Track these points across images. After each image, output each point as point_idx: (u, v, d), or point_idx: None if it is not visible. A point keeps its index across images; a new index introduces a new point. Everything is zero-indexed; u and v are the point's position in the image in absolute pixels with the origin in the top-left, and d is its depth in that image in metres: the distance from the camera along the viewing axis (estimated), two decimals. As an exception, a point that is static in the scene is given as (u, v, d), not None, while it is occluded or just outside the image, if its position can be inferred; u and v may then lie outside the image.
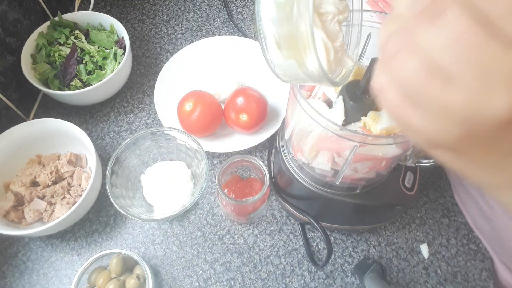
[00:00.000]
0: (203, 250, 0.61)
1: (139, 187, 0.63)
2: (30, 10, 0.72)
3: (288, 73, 0.31)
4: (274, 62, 0.30)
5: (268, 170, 0.58)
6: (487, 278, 0.59)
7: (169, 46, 0.82)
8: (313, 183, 0.51)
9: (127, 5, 0.88)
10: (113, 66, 0.70)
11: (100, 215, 0.64)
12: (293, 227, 0.63)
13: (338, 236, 0.62)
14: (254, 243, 0.61)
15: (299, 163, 0.50)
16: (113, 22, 0.73)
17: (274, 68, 0.31)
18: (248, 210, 0.58)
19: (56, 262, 0.60)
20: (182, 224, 0.63)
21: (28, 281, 0.59)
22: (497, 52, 0.16)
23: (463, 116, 0.18)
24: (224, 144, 0.68)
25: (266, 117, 0.67)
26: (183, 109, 0.65)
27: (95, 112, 0.74)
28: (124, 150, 0.59)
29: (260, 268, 0.60)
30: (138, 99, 0.76)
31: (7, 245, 0.61)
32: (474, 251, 0.61)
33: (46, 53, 0.70)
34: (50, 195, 0.61)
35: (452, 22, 0.17)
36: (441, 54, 0.18)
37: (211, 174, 0.67)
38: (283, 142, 0.54)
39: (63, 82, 0.69)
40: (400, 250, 0.61)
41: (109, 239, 0.62)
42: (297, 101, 0.39)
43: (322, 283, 0.58)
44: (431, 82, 0.18)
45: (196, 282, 0.59)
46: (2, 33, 0.65)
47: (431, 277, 0.59)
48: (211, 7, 0.88)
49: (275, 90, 0.72)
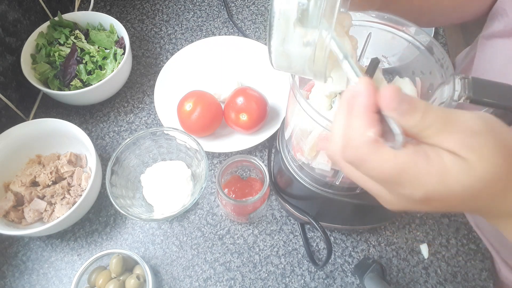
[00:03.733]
0: (203, 250, 0.61)
1: (139, 187, 0.63)
2: (30, 10, 0.72)
3: (287, 60, 0.31)
4: (284, 46, 0.30)
5: (268, 170, 0.58)
6: (487, 278, 0.59)
7: (169, 46, 0.82)
8: (313, 183, 0.51)
9: (127, 5, 0.88)
10: (113, 66, 0.70)
11: (100, 215, 0.64)
12: (293, 227, 0.63)
13: (338, 236, 0.62)
14: (254, 243, 0.61)
15: (299, 163, 0.50)
16: (113, 22, 0.73)
17: (275, 49, 0.31)
18: (248, 210, 0.58)
19: (56, 262, 0.60)
20: (182, 224, 0.63)
21: (28, 281, 0.59)
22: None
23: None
24: (224, 144, 0.68)
25: (266, 117, 0.67)
26: (183, 109, 0.65)
27: (95, 112, 0.74)
28: (124, 150, 0.59)
29: (260, 268, 0.60)
30: (138, 99, 0.76)
31: (7, 245, 0.61)
32: (474, 251, 0.61)
33: (46, 53, 0.70)
34: (50, 195, 0.61)
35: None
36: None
37: (211, 174, 0.67)
38: (283, 142, 0.54)
39: (63, 82, 0.69)
40: (400, 250, 0.61)
41: (109, 239, 0.62)
42: (297, 101, 0.39)
43: (322, 283, 0.58)
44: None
45: (196, 282, 0.59)
46: (2, 33, 0.65)
47: (431, 277, 0.59)
48: (211, 7, 0.88)
49: (275, 90, 0.72)
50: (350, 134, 0.27)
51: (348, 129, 0.27)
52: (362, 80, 0.27)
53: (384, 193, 0.29)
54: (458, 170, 0.25)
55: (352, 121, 0.26)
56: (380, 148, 0.26)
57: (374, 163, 0.26)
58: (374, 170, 0.27)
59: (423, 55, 0.41)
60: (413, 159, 0.25)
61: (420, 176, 0.25)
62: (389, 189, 0.28)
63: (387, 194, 0.29)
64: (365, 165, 0.27)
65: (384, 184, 0.28)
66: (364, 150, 0.26)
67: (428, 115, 0.25)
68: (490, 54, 0.54)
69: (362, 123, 0.26)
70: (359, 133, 0.26)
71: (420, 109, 0.25)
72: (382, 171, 0.26)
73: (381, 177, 0.27)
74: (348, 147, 0.27)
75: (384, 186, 0.28)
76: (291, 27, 0.29)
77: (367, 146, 0.26)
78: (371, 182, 0.29)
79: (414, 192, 0.26)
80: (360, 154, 0.26)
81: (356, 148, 0.26)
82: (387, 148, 0.26)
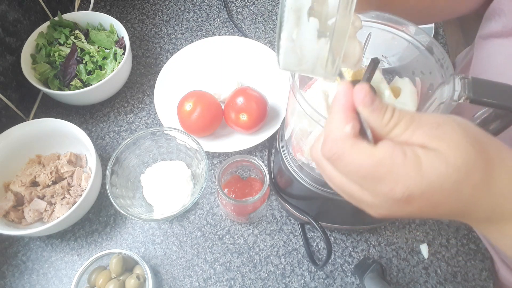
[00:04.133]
0: (203, 250, 0.61)
1: (139, 187, 0.63)
2: (30, 10, 0.72)
3: (297, 58, 0.30)
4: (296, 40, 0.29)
5: (268, 170, 0.58)
6: (487, 278, 0.59)
7: (169, 46, 0.82)
8: (313, 183, 0.51)
9: (127, 5, 0.88)
10: (113, 66, 0.70)
11: (100, 215, 0.64)
12: (293, 227, 0.63)
13: (338, 236, 0.62)
14: (254, 243, 0.61)
15: (299, 163, 0.50)
16: (113, 22, 0.73)
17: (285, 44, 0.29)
18: (248, 210, 0.58)
19: (56, 262, 0.60)
20: (182, 224, 0.63)
21: (28, 281, 0.59)
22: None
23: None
24: (224, 144, 0.68)
25: (266, 117, 0.67)
26: (183, 109, 0.65)
27: (95, 112, 0.74)
28: (124, 150, 0.59)
29: (260, 268, 0.60)
30: (138, 99, 0.76)
31: (7, 245, 0.61)
32: (474, 251, 0.61)
33: (46, 53, 0.70)
34: (50, 195, 0.61)
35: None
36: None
37: (211, 174, 0.67)
38: (283, 142, 0.54)
39: (63, 82, 0.69)
40: (400, 250, 0.61)
41: (109, 239, 0.62)
42: (297, 101, 0.39)
43: (322, 283, 0.58)
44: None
45: (196, 282, 0.59)
46: (2, 33, 0.65)
47: (431, 277, 0.59)
48: (211, 7, 0.88)
49: (275, 90, 0.72)
50: (329, 129, 0.28)
51: (328, 125, 0.28)
52: (342, 82, 0.28)
53: (365, 196, 0.28)
54: (432, 161, 0.25)
55: (332, 117, 0.28)
56: (357, 143, 0.27)
57: (351, 157, 0.27)
58: (351, 165, 0.27)
59: (423, 55, 0.41)
60: (390, 154, 0.26)
61: (398, 171, 0.26)
62: (367, 188, 0.28)
63: (369, 197, 0.28)
64: (343, 160, 0.27)
65: (362, 182, 0.28)
66: (342, 144, 0.27)
67: (396, 113, 0.27)
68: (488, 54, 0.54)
69: (339, 119, 0.27)
70: (336, 127, 0.27)
71: (389, 108, 0.27)
72: (360, 164, 0.26)
73: (358, 173, 0.27)
74: (327, 141, 0.28)
75: (363, 185, 0.28)
76: (304, 17, 0.28)
77: (344, 140, 0.27)
78: (350, 183, 0.29)
79: (394, 188, 0.26)
80: (337, 148, 0.27)
81: (334, 141, 0.27)
82: (364, 143, 0.27)
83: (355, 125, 0.27)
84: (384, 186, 0.26)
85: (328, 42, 0.28)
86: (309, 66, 0.31)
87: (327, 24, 0.27)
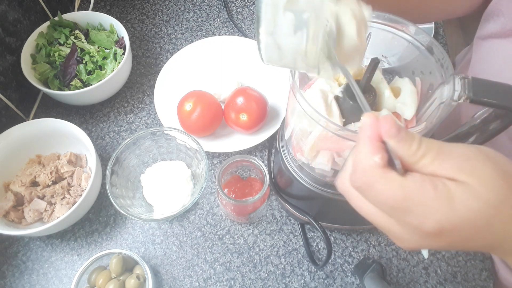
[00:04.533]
0: (203, 250, 0.61)
1: (139, 187, 0.63)
2: (30, 10, 0.72)
3: (278, 53, 0.30)
4: (276, 35, 0.29)
5: (268, 170, 0.58)
6: (487, 278, 0.59)
7: (169, 46, 0.82)
8: (313, 183, 0.51)
9: (127, 5, 0.88)
10: (113, 66, 0.70)
11: (100, 215, 0.64)
12: (293, 227, 0.63)
13: (338, 236, 0.62)
14: (254, 243, 0.61)
15: (299, 163, 0.50)
16: (113, 22, 0.73)
17: (265, 39, 0.29)
18: (248, 210, 0.58)
19: (56, 262, 0.60)
20: (182, 224, 0.63)
21: (28, 281, 0.59)
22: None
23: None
24: (224, 144, 0.68)
25: (266, 117, 0.67)
26: (183, 109, 0.65)
27: (95, 112, 0.74)
28: (124, 150, 0.59)
29: (260, 268, 0.60)
30: (138, 99, 0.76)
31: (7, 245, 0.61)
32: (474, 251, 0.61)
33: (46, 53, 0.70)
34: (50, 195, 0.61)
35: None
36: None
37: (211, 174, 0.67)
38: (283, 142, 0.54)
39: (63, 82, 0.69)
40: (400, 250, 0.61)
41: (109, 239, 0.62)
42: (297, 101, 0.39)
43: (322, 283, 0.58)
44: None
45: (196, 282, 0.59)
46: (2, 33, 0.65)
47: (431, 277, 0.59)
48: (211, 7, 0.88)
49: (275, 90, 0.72)
50: (358, 159, 0.28)
51: (356, 156, 0.28)
52: (366, 114, 0.28)
53: (394, 227, 0.28)
54: (463, 195, 0.25)
55: (360, 148, 0.28)
56: (387, 173, 0.27)
57: (381, 187, 0.27)
58: (382, 195, 0.27)
59: (423, 55, 0.41)
60: (420, 186, 0.26)
61: (429, 204, 0.25)
62: (397, 219, 0.28)
63: (398, 228, 0.28)
64: (373, 189, 0.27)
65: (392, 212, 0.27)
66: (371, 173, 0.27)
67: (423, 144, 0.27)
68: (487, 55, 0.54)
69: (368, 150, 0.27)
70: (365, 157, 0.27)
71: (416, 138, 0.27)
72: (390, 195, 0.26)
73: (388, 203, 0.27)
74: (356, 171, 0.28)
75: (392, 215, 0.28)
76: (280, 12, 0.28)
77: (374, 170, 0.27)
78: (379, 213, 0.29)
79: (425, 222, 0.26)
80: (367, 177, 0.27)
81: (364, 171, 0.27)
82: (393, 173, 0.27)
83: (383, 156, 0.27)
84: (414, 218, 0.26)
85: (304, 35, 0.28)
86: (290, 60, 0.31)
87: (302, 17, 0.28)
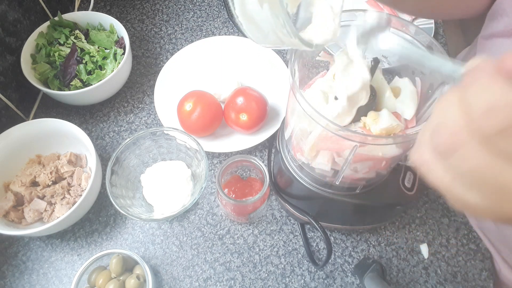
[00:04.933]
0: (203, 250, 0.61)
1: (139, 187, 0.63)
2: (30, 10, 0.72)
3: (258, 30, 0.29)
4: (252, 14, 0.28)
5: (268, 170, 0.58)
6: (487, 278, 0.59)
7: (169, 46, 0.82)
8: (313, 183, 0.51)
9: (127, 5, 0.88)
10: (113, 66, 0.70)
11: (100, 215, 0.64)
12: (293, 227, 0.63)
13: (338, 236, 0.62)
14: (254, 243, 0.61)
15: (299, 163, 0.50)
16: (113, 22, 0.73)
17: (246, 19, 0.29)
18: (248, 210, 0.58)
19: (56, 262, 0.60)
20: (182, 224, 0.63)
21: (28, 281, 0.59)
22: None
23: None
24: (224, 144, 0.68)
25: (266, 117, 0.67)
26: (183, 109, 0.65)
27: (95, 112, 0.74)
28: (124, 150, 0.59)
29: (260, 268, 0.60)
30: (138, 99, 0.76)
31: (7, 245, 0.61)
32: (474, 251, 0.61)
33: (46, 53, 0.70)
34: (50, 195, 0.61)
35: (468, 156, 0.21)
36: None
37: (211, 174, 0.67)
38: (283, 142, 0.54)
39: (63, 82, 0.69)
40: (400, 250, 0.61)
41: (109, 239, 0.62)
42: (297, 101, 0.39)
43: (322, 283, 0.58)
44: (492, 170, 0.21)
45: (196, 282, 0.59)
46: (2, 33, 0.65)
47: (431, 277, 0.59)
48: (211, 7, 0.88)
49: (275, 90, 0.72)
50: (485, 101, 0.20)
51: (479, 97, 0.20)
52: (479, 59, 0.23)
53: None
54: None
55: (486, 87, 0.20)
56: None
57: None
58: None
59: (423, 55, 0.41)
60: None
61: None
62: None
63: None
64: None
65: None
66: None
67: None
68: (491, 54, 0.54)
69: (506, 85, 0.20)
70: (503, 95, 0.19)
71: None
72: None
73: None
74: (493, 114, 0.20)
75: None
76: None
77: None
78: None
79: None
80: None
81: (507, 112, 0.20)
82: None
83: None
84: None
85: (267, 5, 0.27)
86: (273, 37, 0.30)
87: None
